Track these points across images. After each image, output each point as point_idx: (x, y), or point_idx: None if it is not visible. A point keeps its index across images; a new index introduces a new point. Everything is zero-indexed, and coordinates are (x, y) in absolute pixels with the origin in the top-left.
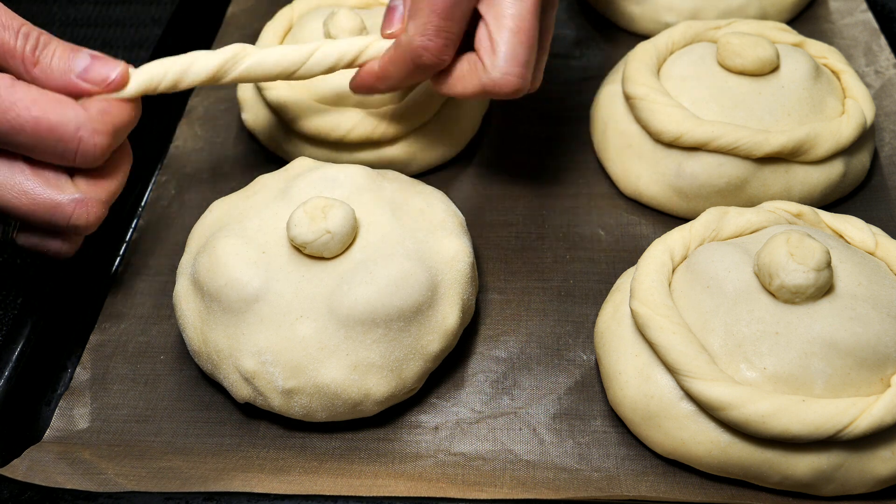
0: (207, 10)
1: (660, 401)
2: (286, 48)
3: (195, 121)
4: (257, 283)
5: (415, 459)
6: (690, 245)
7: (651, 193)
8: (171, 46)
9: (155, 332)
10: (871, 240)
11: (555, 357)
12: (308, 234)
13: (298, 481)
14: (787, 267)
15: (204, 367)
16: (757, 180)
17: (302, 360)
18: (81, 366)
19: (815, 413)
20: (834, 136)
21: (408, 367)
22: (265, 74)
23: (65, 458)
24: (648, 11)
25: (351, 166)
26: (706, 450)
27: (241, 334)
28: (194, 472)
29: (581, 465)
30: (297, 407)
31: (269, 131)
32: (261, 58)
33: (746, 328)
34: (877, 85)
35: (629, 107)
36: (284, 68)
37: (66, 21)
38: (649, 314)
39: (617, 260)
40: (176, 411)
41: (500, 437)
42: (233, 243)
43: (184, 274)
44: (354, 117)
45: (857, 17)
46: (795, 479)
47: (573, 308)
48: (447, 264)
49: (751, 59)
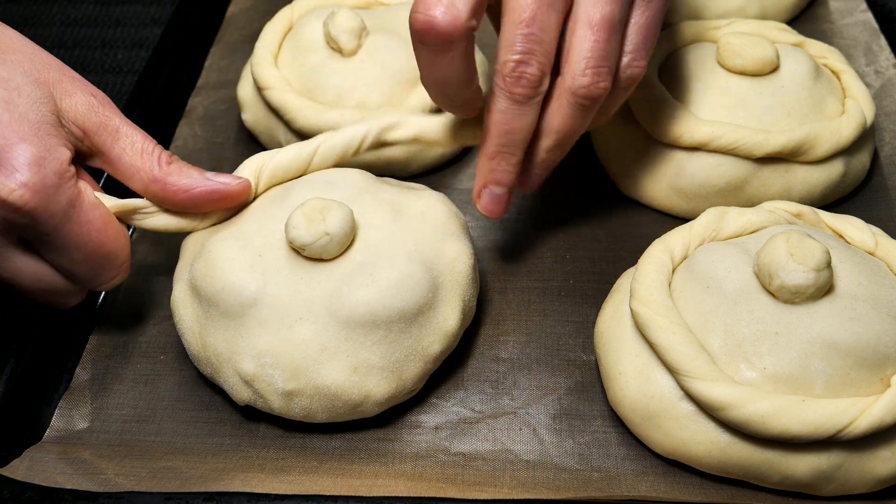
0: (207, 10)
1: (660, 401)
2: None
3: (195, 121)
4: (254, 287)
5: (415, 459)
6: (690, 245)
7: (651, 193)
8: (171, 46)
9: (155, 332)
10: (871, 240)
11: (555, 357)
12: (306, 235)
13: (298, 481)
14: (787, 267)
15: (204, 371)
16: (757, 180)
17: (302, 362)
18: (81, 366)
19: (815, 413)
20: (834, 136)
21: (408, 368)
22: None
23: (65, 458)
24: None
25: (349, 169)
26: (706, 450)
27: (240, 337)
28: (194, 472)
29: (581, 465)
30: (297, 409)
31: (269, 131)
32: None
33: (746, 328)
34: (877, 85)
35: (629, 107)
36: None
37: (66, 21)
38: (649, 314)
39: (617, 260)
40: (176, 411)
41: (500, 437)
42: (229, 247)
43: (181, 279)
44: (354, 117)
45: (857, 17)
46: (795, 479)
47: (573, 308)
48: (448, 266)
49: (751, 59)
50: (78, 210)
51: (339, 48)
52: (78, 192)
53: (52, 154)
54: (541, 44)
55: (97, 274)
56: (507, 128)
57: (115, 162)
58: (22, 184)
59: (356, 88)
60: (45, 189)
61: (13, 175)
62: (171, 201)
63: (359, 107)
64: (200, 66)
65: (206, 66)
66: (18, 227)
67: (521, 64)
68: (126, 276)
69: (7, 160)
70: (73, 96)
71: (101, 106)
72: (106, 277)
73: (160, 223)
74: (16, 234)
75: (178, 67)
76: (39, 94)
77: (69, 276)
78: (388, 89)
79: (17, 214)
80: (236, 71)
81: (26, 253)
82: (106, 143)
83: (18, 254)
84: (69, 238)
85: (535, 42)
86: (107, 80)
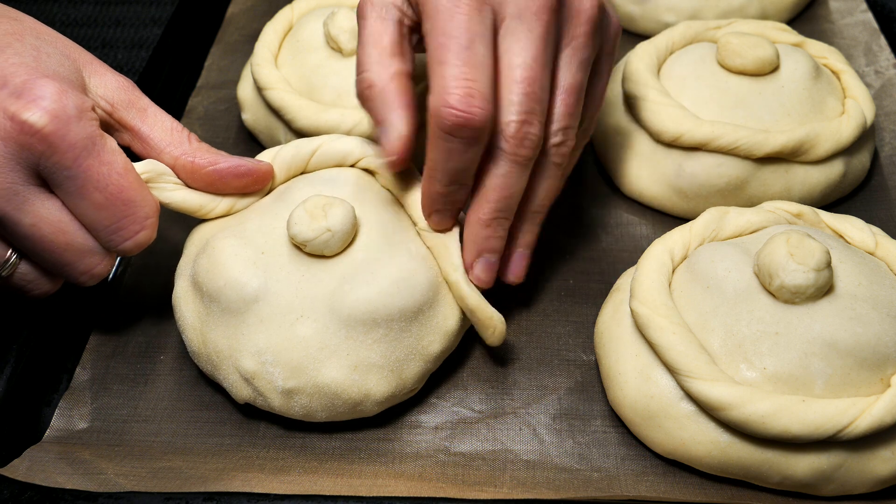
0: (207, 10)
1: (660, 401)
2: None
3: (195, 121)
4: (256, 284)
5: (415, 459)
6: (690, 245)
7: (651, 193)
8: (171, 46)
9: (155, 332)
10: (871, 240)
11: (555, 357)
12: (308, 231)
13: (298, 481)
14: (787, 267)
15: (204, 369)
16: (757, 180)
17: (302, 361)
18: (81, 366)
19: (815, 413)
20: (834, 136)
21: (408, 367)
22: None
23: (65, 458)
24: (648, 11)
25: (352, 168)
26: (706, 450)
27: (241, 335)
28: (194, 472)
29: (581, 465)
30: (297, 407)
31: (269, 131)
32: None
33: (746, 328)
34: (877, 85)
35: (629, 107)
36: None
37: (66, 21)
38: (649, 314)
39: (617, 260)
40: (176, 411)
41: (500, 437)
42: (232, 244)
43: (183, 275)
44: (354, 117)
45: (857, 17)
46: (795, 479)
47: (573, 308)
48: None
49: (751, 59)
50: (100, 148)
51: (339, 48)
52: (100, 133)
53: (74, 92)
54: (541, 103)
55: (120, 226)
56: (508, 192)
57: (145, 136)
58: (41, 107)
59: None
60: (64, 116)
61: (34, 101)
62: (199, 174)
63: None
64: (200, 66)
65: (206, 66)
66: (37, 156)
67: (524, 124)
68: (151, 238)
69: (29, 90)
70: (103, 76)
71: (130, 86)
72: (129, 231)
73: (179, 198)
74: (35, 168)
75: (178, 67)
76: (69, 64)
77: (91, 229)
78: None
79: (35, 138)
80: (236, 71)
81: (48, 196)
82: (135, 118)
83: (41, 196)
84: (89, 175)
85: (536, 101)
86: None
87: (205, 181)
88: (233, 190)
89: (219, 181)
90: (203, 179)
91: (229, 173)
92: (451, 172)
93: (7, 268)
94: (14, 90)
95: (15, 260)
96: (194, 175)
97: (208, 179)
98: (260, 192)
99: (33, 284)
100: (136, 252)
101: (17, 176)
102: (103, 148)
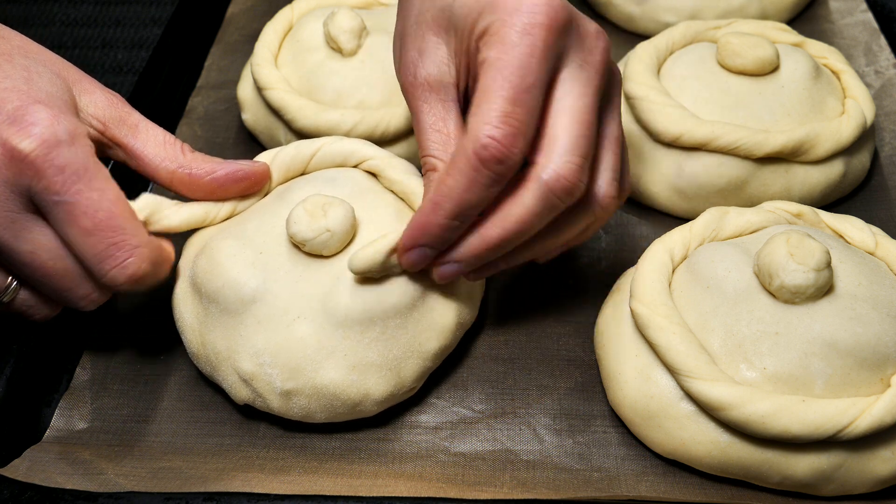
0: (207, 10)
1: (660, 401)
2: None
3: (195, 121)
4: (255, 284)
5: (415, 459)
6: (690, 245)
7: (651, 193)
8: (171, 46)
9: (155, 332)
10: (871, 240)
11: (555, 357)
12: (307, 231)
13: (298, 481)
14: (787, 267)
15: (203, 370)
16: (757, 180)
17: (300, 362)
18: (81, 366)
19: (815, 413)
20: (834, 136)
21: (406, 365)
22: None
23: (65, 458)
24: (648, 11)
25: (352, 168)
26: (706, 450)
27: (240, 336)
28: (194, 472)
29: (581, 465)
30: (296, 408)
31: (269, 131)
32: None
33: (746, 328)
34: (877, 85)
35: (629, 107)
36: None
37: (66, 21)
38: (649, 314)
39: (617, 260)
40: (176, 411)
41: (500, 437)
42: (230, 244)
43: (182, 276)
44: (354, 117)
45: (857, 17)
46: (795, 480)
47: (573, 308)
48: None
49: (751, 59)
50: (92, 175)
51: (339, 48)
52: (95, 161)
53: (67, 117)
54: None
55: (108, 253)
56: (524, 229)
57: (138, 152)
58: (32, 134)
59: (356, 88)
60: (54, 140)
61: (26, 128)
62: (197, 185)
63: (359, 107)
64: (200, 66)
65: (206, 66)
66: (28, 181)
67: (580, 170)
68: (141, 269)
69: (21, 116)
70: (93, 94)
71: (120, 103)
72: (117, 258)
73: (183, 217)
74: (29, 195)
75: (178, 67)
76: (60, 83)
77: (80, 258)
78: (387, 89)
79: (24, 164)
80: (236, 71)
81: (45, 224)
82: (127, 135)
83: (38, 224)
84: (78, 201)
85: (590, 148)
86: (107, 80)
87: (204, 191)
88: (233, 195)
89: (218, 189)
90: (202, 189)
91: (228, 180)
92: (463, 204)
93: (7, 294)
94: (7, 117)
95: (15, 287)
96: (193, 186)
97: (208, 189)
98: (260, 192)
99: (34, 309)
100: (129, 286)
101: (13, 204)
102: (96, 175)
